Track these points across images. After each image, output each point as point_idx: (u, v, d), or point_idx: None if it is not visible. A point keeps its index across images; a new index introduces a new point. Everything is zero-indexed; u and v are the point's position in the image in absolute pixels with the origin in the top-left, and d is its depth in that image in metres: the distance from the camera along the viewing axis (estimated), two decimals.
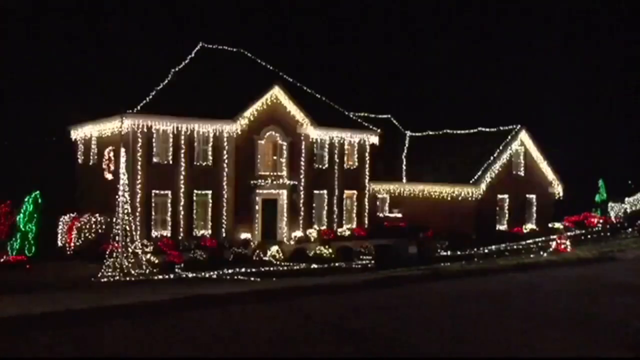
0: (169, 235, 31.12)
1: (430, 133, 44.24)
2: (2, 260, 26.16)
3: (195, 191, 32.13)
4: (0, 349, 10.14)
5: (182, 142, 31.56)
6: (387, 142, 40.04)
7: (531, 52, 77.88)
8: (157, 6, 70.31)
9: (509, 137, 38.89)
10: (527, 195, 39.87)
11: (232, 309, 14.01)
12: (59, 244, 32.11)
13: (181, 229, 31.55)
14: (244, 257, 28.10)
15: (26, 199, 28.62)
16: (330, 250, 28.91)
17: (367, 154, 38.70)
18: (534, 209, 40.10)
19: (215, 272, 24.25)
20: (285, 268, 26.30)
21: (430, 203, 38.52)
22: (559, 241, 30.16)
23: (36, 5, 56.19)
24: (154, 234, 30.69)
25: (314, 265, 26.68)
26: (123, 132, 30.26)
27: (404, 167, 41.80)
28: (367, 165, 38.80)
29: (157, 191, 31.10)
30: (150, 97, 31.12)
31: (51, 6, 58.01)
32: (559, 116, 61.88)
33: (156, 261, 26.28)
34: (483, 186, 36.85)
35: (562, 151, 47.00)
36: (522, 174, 39.52)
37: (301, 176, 35.52)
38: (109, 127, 32.12)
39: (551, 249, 29.88)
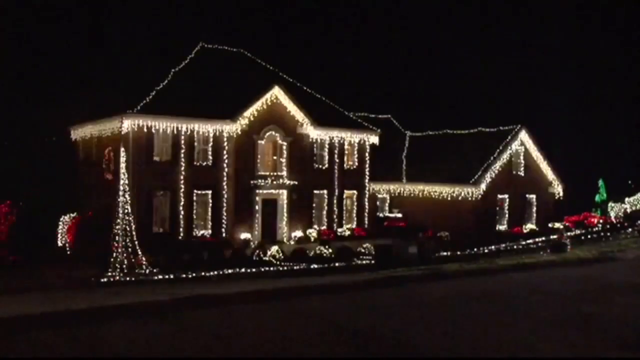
0: (169, 235, 31.10)
1: (430, 133, 44.23)
2: (2, 260, 26.16)
3: (195, 191, 32.12)
4: (0, 349, 10.14)
5: (182, 141, 31.56)
6: (387, 142, 40.02)
7: (531, 51, 77.84)
8: (157, 6, 70.29)
9: (509, 137, 38.89)
10: (527, 195, 39.87)
11: (232, 309, 14.01)
12: (59, 243, 32.10)
13: (181, 229, 31.55)
14: (244, 257, 28.08)
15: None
16: (330, 250, 28.89)
17: (367, 154, 38.69)
18: (534, 209, 40.10)
19: (215, 272, 24.25)
20: (285, 268, 26.29)
21: (430, 203, 38.51)
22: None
23: (36, 5, 56.14)
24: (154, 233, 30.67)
25: (314, 265, 26.67)
26: (123, 132, 30.25)
27: (404, 167, 41.79)
28: (367, 165, 38.79)
29: (157, 191, 31.11)
30: (150, 97, 31.11)
31: (51, 6, 57.96)
32: (559, 116, 61.86)
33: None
34: (483, 186, 36.84)
35: (562, 151, 47.04)
36: (522, 174, 39.52)
37: (301, 176, 35.52)
38: (109, 127, 32.11)
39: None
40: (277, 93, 34.19)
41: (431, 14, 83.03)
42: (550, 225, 38.23)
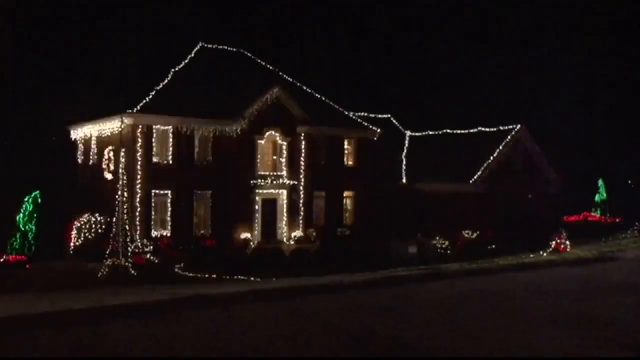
0: (169, 235, 31.12)
1: (430, 133, 44.25)
2: (2, 260, 26.16)
3: (195, 191, 32.12)
4: (0, 349, 10.14)
5: (182, 142, 31.55)
6: (387, 142, 39.99)
7: (531, 51, 77.82)
8: (157, 6, 70.24)
9: (509, 137, 38.91)
10: (527, 195, 39.89)
11: (232, 309, 14.02)
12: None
13: (181, 229, 31.53)
14: (244, 257, 28.08)
15: (26, 199, 28.65)
16: (330, 250, 28.89)
17: (367, 154, 38.68)
18: (534, 209, 40.10)
19: (215, 272, 24.27)
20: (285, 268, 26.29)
21: (430, 203, 38.51)
22: (558, 241, 30.17)
23: (36, 5, 56.15)
24: (154, 234, 30.68)
25: (314, 266, 26.67)
26: (123, 132, 30.24)
27: (404, 167, 41.80)
28: (367, 165, 38.77)
29: (157, 191, 31.08)
30: (150, 97, 31.10)
31: (51, 6, 57.95)
32: (559, 116, 61.77)
33: (156, 261, 26.30)
34: (483, 186, 36.86)
35: (562, 151, 46.98)
36: (522, 173, 39.54)
37: (301, 176, 35.49)
38: (109, 127, 32.10)
39: (551, 249, 29.89)
40: (277, 93, 34.18)
41: (431, 14, 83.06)
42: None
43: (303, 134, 35.34)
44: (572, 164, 47.14)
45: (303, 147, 35.48)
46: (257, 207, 33.84)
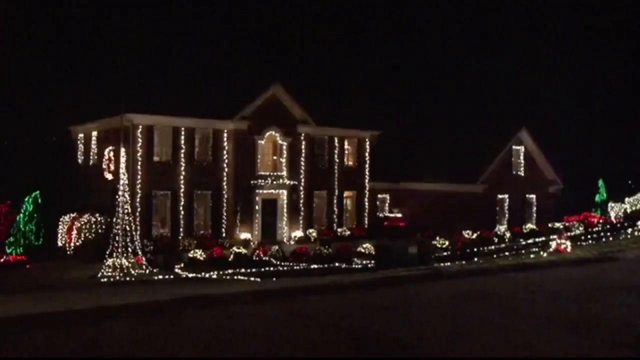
0: (169, 235, 31.11)
1: (431, 133, 44.25)
2: (2, 260, 26.16)
3: (195, 191, 32.13)
4: (0, 349, 10.13)
5: (182, 141, 31.56)
6: (387, 141, 40.01)
7: (531, 51, 77.79)
8: (157, 6, 70.23)
9: (509, 137, 38.92)
10: (527, 195, 39.90)
11: (232, 309, 14.00)
12: (59, 243, 32.11)
13: (181, 229, 31.54)
14: (244, 257, 28.06)
15: (26, 199, 28.69)
16: (330, 250, 28.90)
17: (367, 154, 38.68)
18: (534, 209, 40.12)
19: (215, 272, 24.26)
20: (285, 268, 26.28)
21: (430, 203, 38.51)
22: (559, 241, 30.15)
23: (36, 5, 56.15)
24: (154, 233, 30.69)
25: (314, 265, 26.67)
26: (123, 132, 30.26)
27: (404, 167, 41.81)
28: (367, 165, 38.78)
29: (157, 191, 31.11)
30: (150, 96, 31.14)
31: (52, 5, 57.95)
32: (559, 116, 61.75)
33: (156, 261, 26.28)
34: (483, 186, 36.87)
35: (562, 151, 46.98)
36: (522, 174, 39.55)
37: (301, 176, 35.50)
38: (109, 126, 32.13)
39: (551, 249, 29.87)
40: (277, 92, 34.21)
41: (431, 14, 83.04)
42: (550, 225, 38.21)
43: (303, 134, 35.36)
44: (572, 164, 47.14)
45: (303, 147, 35.50)
46: (257, 207, 33.87)
